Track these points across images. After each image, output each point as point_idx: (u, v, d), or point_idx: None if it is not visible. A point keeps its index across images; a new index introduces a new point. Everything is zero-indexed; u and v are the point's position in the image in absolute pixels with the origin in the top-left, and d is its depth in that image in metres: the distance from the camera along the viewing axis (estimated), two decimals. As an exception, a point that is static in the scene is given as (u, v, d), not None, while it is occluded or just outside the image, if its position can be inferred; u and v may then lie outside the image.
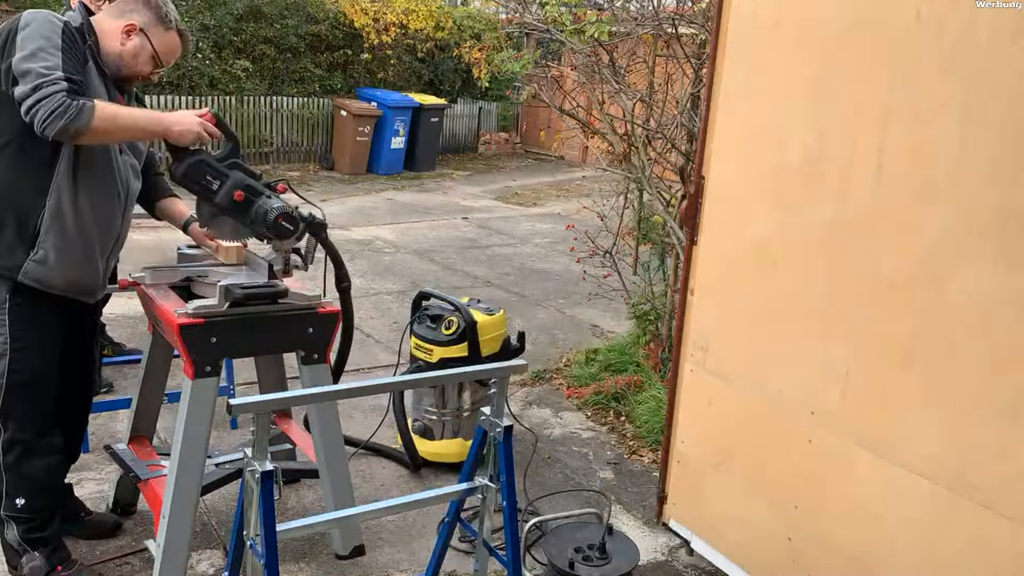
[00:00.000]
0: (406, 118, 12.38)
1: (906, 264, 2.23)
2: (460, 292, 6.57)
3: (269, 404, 2.03)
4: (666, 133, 4.75)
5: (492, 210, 10.48)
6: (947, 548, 2.19)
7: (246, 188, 2.54)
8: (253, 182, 2.57)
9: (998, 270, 2.03)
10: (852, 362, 2.40)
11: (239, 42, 11.99)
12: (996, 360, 2.05)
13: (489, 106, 15.23)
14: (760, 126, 2.65)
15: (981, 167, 2.04)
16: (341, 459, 2.99)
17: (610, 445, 4.19)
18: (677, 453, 3.12)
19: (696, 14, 4.61)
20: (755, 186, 2.68)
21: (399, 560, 3.11)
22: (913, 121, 2.19)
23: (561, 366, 5.20)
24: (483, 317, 3.71)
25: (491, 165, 14.30)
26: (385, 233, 8.72)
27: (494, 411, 2.28)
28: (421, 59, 13.86)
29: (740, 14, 2.69)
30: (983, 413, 2.08)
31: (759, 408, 2.72)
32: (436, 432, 3.78)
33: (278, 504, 2.01)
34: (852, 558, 2.44)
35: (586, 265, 5.51)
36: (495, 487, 2.36)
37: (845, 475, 2.45)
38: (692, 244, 2.96)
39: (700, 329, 2.95)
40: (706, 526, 3.03)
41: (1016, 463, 2.02)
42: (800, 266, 2.55)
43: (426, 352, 3.69)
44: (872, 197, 2.31)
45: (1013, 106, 1.97)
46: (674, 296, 4.57)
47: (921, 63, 2.16)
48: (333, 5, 12.88)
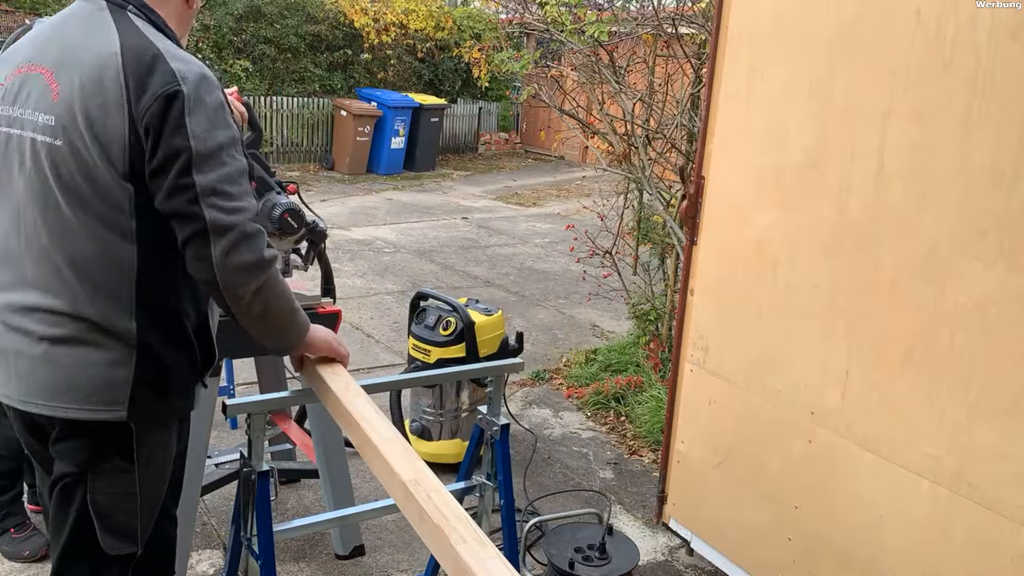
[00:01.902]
0: (406, 118, 12.38)
1: (906, 264, 2.23)
2: (460, 292, 6.57)
3: (264, 404, 2.03)
4: (666, 133, 4.75)
5: (492, 210, 10.48)
6: (947, 548, 2.19)
7: (258, 180, 2.53)
8: (266, 176, 2.57)
9: (998, 270, 2.03)
10: (852, 362, 2.40)
11: (239, 42, 11.99)
12: (996, 360, 2.05)
13: (489, 106, 15.23)
14: (760, 126, 2.64)
15: (981, 167, 2.04)
16: (341, 459, 2.99)
17: (610, 445, 4.19)
18: (677, 453, 3.12)
19: (696, 14, 4.61)
20: (755, 186, 2.68)
21: (399, 560, 3.11)
22: (913, 121, 2.18)
23: (561, 366, 5.20)
24: (481, 317, 3.71)
25: (491, 165, 14.30)
26: (385, 233, 8.72)
27: (491, 410, 2.29)
28: (421, 59, 13.86)
29: (740, 14, 2.69)
30: (983, 413, 2.08)
31: (759, 408, 2.72)
32: (434, 433, 3.78)
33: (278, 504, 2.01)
34: (852, 558, 2.44)
35: (586, 265, 5.51)
36: (492, 486, 2.36)
37: (845, 475, 2.45)
38: (692, 244, 2.96)
39: (700, 329, 2.95)
40: (706, 526, 3.03)
41: (1016, 463, 2.02)
42: (800, 266, 2.55)
43: (424, 353, 3.68)
44: (872, 197, 2.30)
45: (1013, 106, 1.97)
46: (674, 296, 4.57)
47: (921, 63, 2.16)
48: (333, 5, 12.88)
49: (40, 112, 1.67)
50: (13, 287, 1.72)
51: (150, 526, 1.85)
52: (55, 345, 1.68)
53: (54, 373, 1.69)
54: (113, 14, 1.70)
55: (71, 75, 1.65)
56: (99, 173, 1.63)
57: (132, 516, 1.79)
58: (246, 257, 1.65)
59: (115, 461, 1.76)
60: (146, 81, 1.61)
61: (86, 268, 1.67)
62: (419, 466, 1.57)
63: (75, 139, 1.63)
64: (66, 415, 1.70)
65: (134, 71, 1.62)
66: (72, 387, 1.69)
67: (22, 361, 1.71)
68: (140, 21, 1.72)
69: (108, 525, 1.77)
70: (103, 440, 1.74)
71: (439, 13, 13.53)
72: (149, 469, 1.80)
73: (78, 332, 1.68)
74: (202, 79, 1.66)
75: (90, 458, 1.75)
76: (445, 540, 1.37)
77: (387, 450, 1.60)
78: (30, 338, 1.69)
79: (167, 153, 1.61)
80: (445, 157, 14.06)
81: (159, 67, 1.62)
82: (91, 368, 1.69)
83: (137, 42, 1.66)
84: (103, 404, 1.70)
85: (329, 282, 2.82)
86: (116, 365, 1.70)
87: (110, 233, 1.66)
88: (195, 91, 1.63)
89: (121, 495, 1.78)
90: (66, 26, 1.75)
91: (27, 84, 1.70)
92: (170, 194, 1.63)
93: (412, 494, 1.48)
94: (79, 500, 1.76)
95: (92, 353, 1.69)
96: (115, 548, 1.79)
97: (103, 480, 1.76)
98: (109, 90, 1.61)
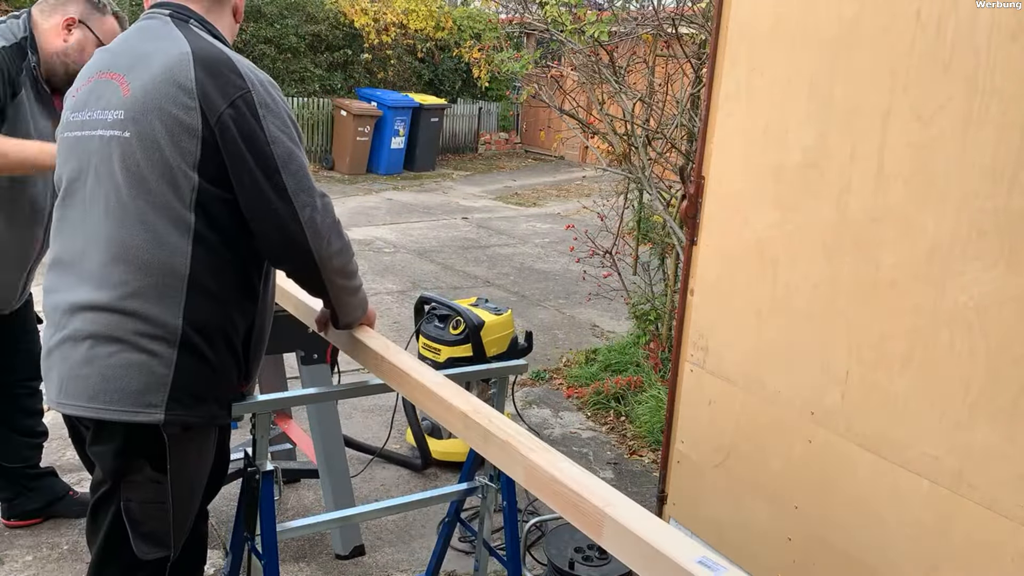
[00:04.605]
0: (406, 118, 12.38)
1: (906, 264, 2.23)
2: (460, 292, 6.57)
3: (267, 405, 2.03)
4: (666, 133, 4.75)
5: (492, 210, 10.48)
6: (947, 548, 2.19)
7: None
8: None
9: (998, 270, 2.03)
10: (852, 362, 2.40)
11: (239, 42, 11.99)
12: (996, 360, 2.05)
13: (489, 106, 15.23)
14: (760, 126, 2.64)
15: (981, 167, 2.04)
16: (341, 459, 3.00)
17: (610, 445, 4.19)
18: (677, 453, 3.12)
19: (696, 14, 4.61)
20: (755, 186, 2.68)
21: (399, 560, 3.11)
22: (913, 121, 2.18)
23: (561, 366, 5.20)
24: (491, 317, 3.73)
25: (491, 165, 14.30)
26: (385, 233, 8.72)
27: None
28: (421, 59, 13.86)
29: (740, 14, 2.69)
30: (983, 413, 2.08)
31: (759, 408, 2.72)
32: (444, 431, 3.78)
33: (278, 504, 2.01)
34: (852, 558, 2.44)
35: (586, 265, 5.51)
36: (495, 487, 2.36)
37: (845, 475, 2.45)
38: (692, 244, 2.96)
39: (700, 329, 2.95)
40: (706, 526, 3.03)
41: (1016, 463, 2.02)
42: (800, 266, 2.55)
43: (434, 352, 3.70)
44: (872, 197, 2.30)
45: (1013, 106, 1.97)
46: (674, 296, 4.57)
47: (921, 63, 2.16)
48: (333, 5, 12.88)
49: (110, 110, 1.72)
50: (70, 288, 1.75)
51: (185, 532, 1.86)
52: (97, 343, 1.69)
53: (93, 373, 1.69)
54: (178, 26, 1.79)
55: (142, 74, 1.71)
56: (167, 160, 1.67)
57: (164, 523, 1.81)
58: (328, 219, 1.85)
59: (147, 471, 1.76)
60: (219, 82, 1.68)
61: (141, 258, 1.69)
62: (473, 400, 1.80)
63: (144, 128, 1.67)
64: (102, 416, 1.70)
65: (206, 71, 1.68)
66: (110, 388, 1.69)
67: (66, 365, 1.73)
68: (203, 32, 1.80)
69: (141, 532, 1.79)
70: (134, 448, 1.75)
71: (439, 13, 13.53)
72: (180, 480, 1.80)
73: (122, 329, 1.69)
74: (270, 83, 1.78)
75: (121, 466, 1.76)
76: (515, 451, 1.58)
77: (442, 392, 1.83)
78: (75, 339, 1.71)
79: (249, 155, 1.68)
80: (445, 157, 14.06)
81: (230, 69, 1.70)
82: (131, 369, 1.69)
83: (206, 46, 1.74)
84: (141, 406, 1.70)
85: None
86: (157, 365, 1.70)
87: (168, 224, 1.69)
88: (265, 94, 1.72)
89: (153, 504, 1.79)
90: (135, 37, 1.82)
91: (98, 89, 1.77)
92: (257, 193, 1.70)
93: (475, 422, 1.70)
94: (113, 507, 1.78)
95: (133, 354, 1.69)
96: (148, 553, 1.81)
97: (135, 491, 1.77)
98: (182, 85, 1.66)
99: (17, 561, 2.93)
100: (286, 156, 1.71)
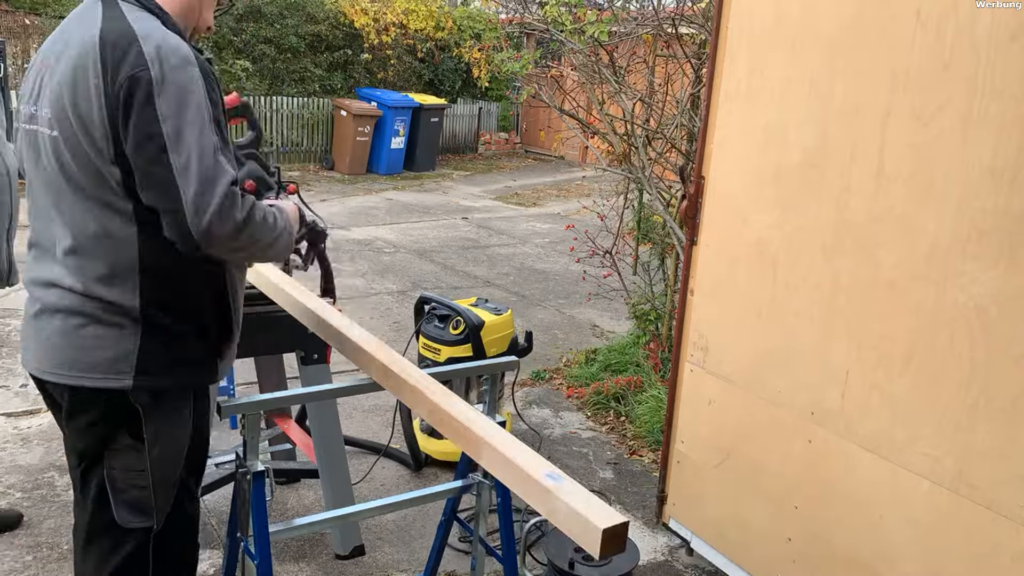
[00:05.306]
0: (406, 118, 12.38)
1: (906, 264, 2.23)
2: (460, 292, 6.57)
3: (258, 405, 2.04)
4: (666, 133, 4.75)
5: (492, 210, 10.48)
6: (947, 548, 2.19)
7: (258, 179, 2.54)
8: (266, 175, 2.58)
9: (998, 270, 2.03)
10: (852, 362, 2.40)
11: (239, 42, 11.99)
12: (996, 360, 2.05)
13: (489, 106, 15.23)
14: (760, 126, 2.64)
15: (981, 167, 2.04)
16: (341, 459, 2.99)
17: (610, 445, 4.18)
18: (677, 453, 3.12)
19: (696, 14, 4.61)
20: (755, 186, 2.68)
21: (399, 560, 3.11)
22: (913, 121, 2.18)
23: (561, 366, 5.20)
24: (491, 317, 3.74)
25: (491, 165, 14.30)
26: (385, 233, 8.72)
27: (487, 408, 2.29)
28: (421, 59, 13.86)
29: (740, 14, 2.69)
30: (983, 413, 2.08)
31: (759, 408, 2.72)
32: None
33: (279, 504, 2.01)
34: (852, 558, 2.44)
35: (586, 265, 5.51)
36: (489, 484, 2.36)
37: (845, 475, 2.45)
38: (692, 244, 2.96)
39: (700, 329, 2.95)
40: (706, 526, 3.03)
41: (1016, 463, 2.02)
42: (800, 266, 2.55)
43: (434, 351, 3.71)
44: (872, 197, 2.30)
45: (1013, 106, 1.97)
46: (674, 296, 4.57)
47: (921, 63, 2.16)
48: (333, 5, 12.88)
49: (44, 107, 1.75)
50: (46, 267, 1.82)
51: (169, 503, 1.90)
52: (70, 316, 1.77)
53: (67, 345, 1.77)
54: (104, 3, 1.75)
55: (62, 66, 1.71)
56: (89, 158, 1.69)
57: (145, 491, 1.85)
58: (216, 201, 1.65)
59: (126, 439, 1.82)
60: (119, 65, 1.63)
61: (93, 250, 1.75)
62: (394, 355, 2.03)
63: (65, 128, 1.70)
64: (76, 382, 1.78)
65: (110, 55, 1.64)
66: (82, 358, 1.76)
67: (43, 335, 1.80)
68: (128, 7, 1.73)
69: (123, 500, 1.85)
70: (111, 416, 1.81)
71: (439, 13, 13.53)
72: (158, 446, 1.84)
73: (90, 306, 1.76)
74: (183, 59, 1.65)
75: (103, 434, 1.82)
76: (421, 395, 1.87)
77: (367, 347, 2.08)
78: (50, 311, 1.79)
79: (138, 138, 1.63)
80: (445, 157, 14.06)
81: (132, 50, 1.64)
82: (101, 339, 1.76)
83: (117, 26, 1.68)
84: (112, 373, 1.77)
85: (329, 282, 2.83)
86: (124, 338, 1.77)
87: (111, 215, 1.73)
88: (162, 72, 1.63)
89: (133, 472, 1.84)
90: (69, 21, 1.82)
91: (39, 81, 1.79)
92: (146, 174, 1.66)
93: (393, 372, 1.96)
94: (97, 477, 1.85)
95: (101, 328, 1.76)
96: (129, 521, 1.85)
97: (117, 458, 1.84)
98: (89, 77, 1.65)
99: (17, 561, 2.94)
100: (174, 136, 1.62)
